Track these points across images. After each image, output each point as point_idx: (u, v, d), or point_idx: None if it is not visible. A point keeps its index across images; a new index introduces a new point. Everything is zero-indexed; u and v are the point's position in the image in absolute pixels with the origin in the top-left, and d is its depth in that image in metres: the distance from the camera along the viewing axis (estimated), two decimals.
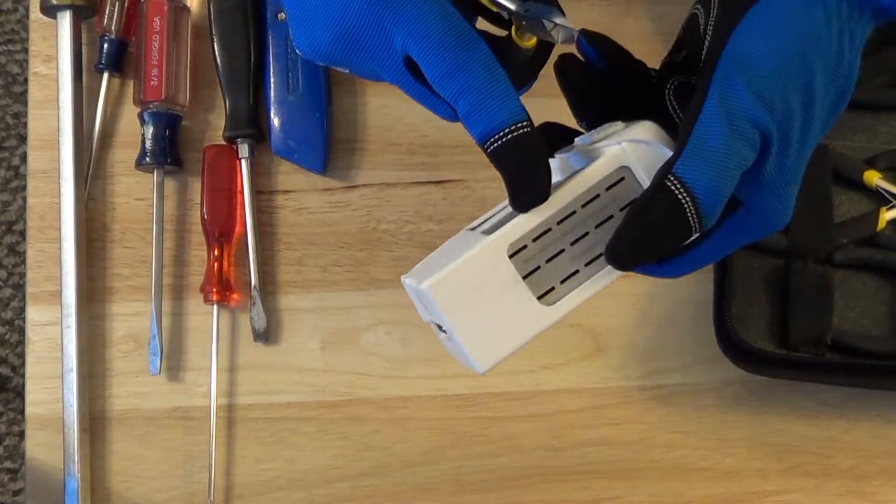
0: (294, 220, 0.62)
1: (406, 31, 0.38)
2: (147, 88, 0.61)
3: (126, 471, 0.59)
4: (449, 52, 0.38)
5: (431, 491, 0.60)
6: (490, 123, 0.38)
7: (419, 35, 0.38)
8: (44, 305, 0.60)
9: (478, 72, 0.38)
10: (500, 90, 0.38)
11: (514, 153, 0.38)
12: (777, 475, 0.61)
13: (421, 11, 0.38)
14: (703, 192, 0.38)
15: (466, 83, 0.38)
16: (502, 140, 0.38)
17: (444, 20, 0.38)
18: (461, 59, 0.38)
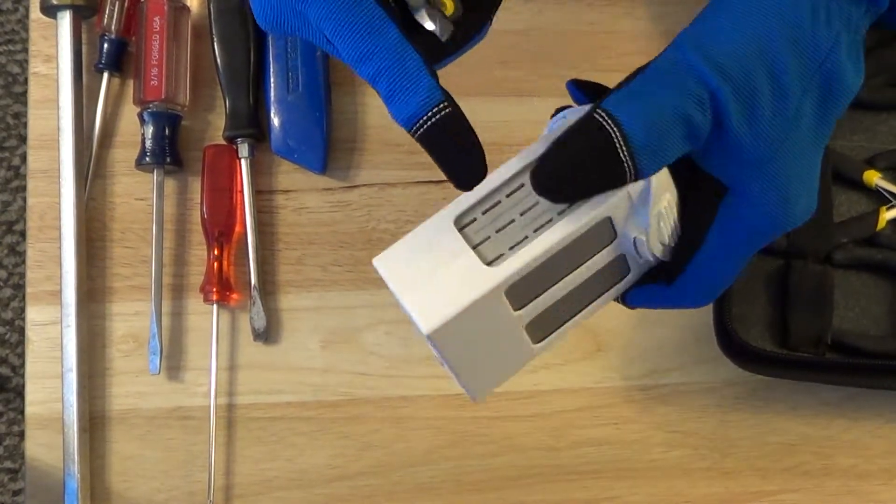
0: (294, 220, 0.62)
1: (316, 15, 0.37)
2: (147, 88, 0.61)
3: (126, 471, 0.59)
4: (357, 37, 0.37)
5: (431, 491, 0.60)
6: (408, 109, 0.37)
7: (328, 19, 0.37)
8: (44, 305, 0.60)
9: (386, 57, 0.37)
10: (411, 75, 0.37)
11: (438, 137, 0.37)
12: (777, 475, 0.61)
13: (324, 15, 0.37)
14: (632, 128, 0.37)
15: (377, 68, 0.37)
16: (425, 125, 0.37)
17: (350, 3, 0.37)
18: (369, 45, 0.37)
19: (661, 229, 0.41)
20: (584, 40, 0.66)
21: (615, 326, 0.62)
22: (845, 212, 0.61)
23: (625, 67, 0.68)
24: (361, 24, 0.37)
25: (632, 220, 0.41)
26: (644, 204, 0.41)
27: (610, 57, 0.66)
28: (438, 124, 0.37)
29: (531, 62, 0.65)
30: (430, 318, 0.39)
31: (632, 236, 0.41)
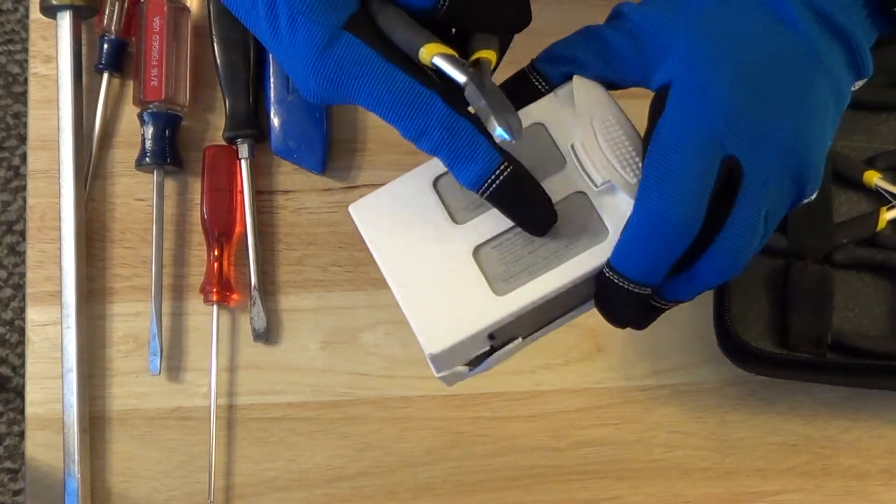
0: (294, 220, 0.62)
1: (364, 103, 0.39)
2: (147, 88, 0.61)
3: (126, 471, 0.59)
4: (407, 118, 0.39)
5: (431, 491, 0.60)
6: (471, 176, 0.39)
7: (378, 107, 0.39)
8: (44, 305, 0.60)
9: (439, 131, 0.38)
10: (467, 143, 0.38)
11: (505, 196, 0.39)
12: (777, 475, 0.61)
13: (368, 85, 0.38)
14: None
15: (433, 144, 0.39)
16: (490, 187, 0.39)
17: (391, 87, 0.38)
18: (420, 123, 0.38)
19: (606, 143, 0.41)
20: None
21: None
22: (845, 212, 0.61)
23: None
24: (408, 106, 0.38)
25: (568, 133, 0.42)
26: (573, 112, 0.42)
27: None
28: (502, 185, 0.39)
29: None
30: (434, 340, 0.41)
31: (569, 145, 0.42)
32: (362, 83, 0.38)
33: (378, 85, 0.38)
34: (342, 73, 0.38)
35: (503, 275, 0.41)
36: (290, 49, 0.39)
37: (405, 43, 0.39)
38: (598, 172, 0.41)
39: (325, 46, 0.38)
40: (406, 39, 0.39)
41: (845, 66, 0.41)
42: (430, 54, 0.39)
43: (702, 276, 0.40)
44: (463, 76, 0.38)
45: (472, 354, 0.42)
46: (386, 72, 0.38)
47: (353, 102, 0.39)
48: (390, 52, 0.39)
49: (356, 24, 0.39)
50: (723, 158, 0.39)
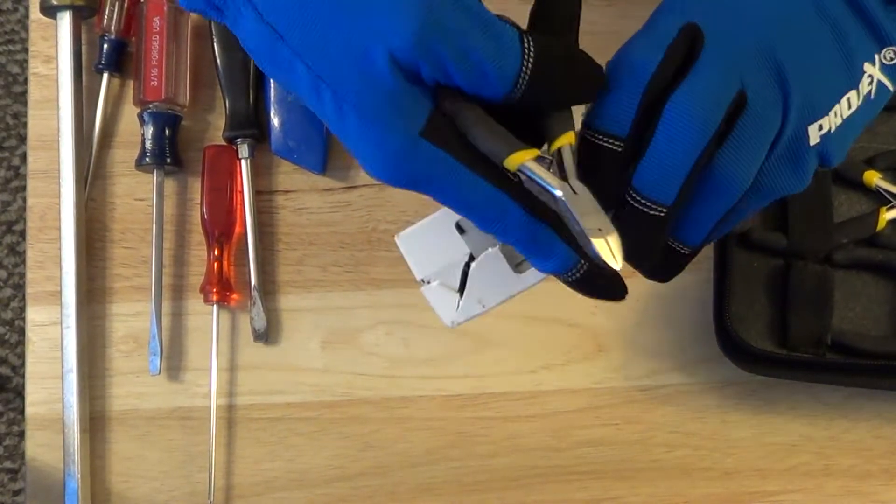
0: (294, 220, 0.62)
1: (443, 202, 0.39)
2: (147, 88, 0.61)
3: (126, 471, 0.59)
4: (486, 222, 0.39)
5: (431, 491, 0.60)
6: (549, 269, 0.40)
7: (454, 206, 0.39)
8: (44, 305, 0.60)
9: (516, 234, 0.39)
10: (544, 247, 0.39)
11: (583, 288, 0.41)
12: (777, 475, 0.61)
13: (449, 190, 0.38)
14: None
15: (511, 241, 0.39)
16: (569, 280, 0.40)
17: (472, 194, 0.38)
18: (499, 225, 0.39)
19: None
20: (584, 40, 0.65)
21: (615, 326, 0.62)
22: (845, 212, 0.61)
23: None
24: (489, 210, 0.38)
25: None
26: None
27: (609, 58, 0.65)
28: (580, 281, 0.40)
29: None
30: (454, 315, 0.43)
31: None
32: (445, 188, 0.38)
33: (459, 191, 0.38)
34: (423, 178, 0.38)
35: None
36: (365, 149, 0.38)
37: (488, 150, 0.38)
38: None
39: (404, 155, 0.37)
40: (488, 148, 0.38)
41: (864, 34, 0.41)
42: (517, 163, 0.37)
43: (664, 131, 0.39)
44: (558, 190, 0.37)
45: (448, 258, 0.43)
46: (467, 179, 0.38)
47: (433, 198, 0.39)
48: (471, 156, 0.38)
49: (434, 128, 0.37)
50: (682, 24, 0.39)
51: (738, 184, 0.40)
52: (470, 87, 0.37)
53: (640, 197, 0.40)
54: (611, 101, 0.39)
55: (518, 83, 0.37)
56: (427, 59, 0.36)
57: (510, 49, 0.36)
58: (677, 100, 0.39)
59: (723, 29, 0.40)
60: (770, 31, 0.40)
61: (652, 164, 0.39)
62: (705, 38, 0.40)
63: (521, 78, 0.37)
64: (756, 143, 0.40)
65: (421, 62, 0.36)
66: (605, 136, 0.39)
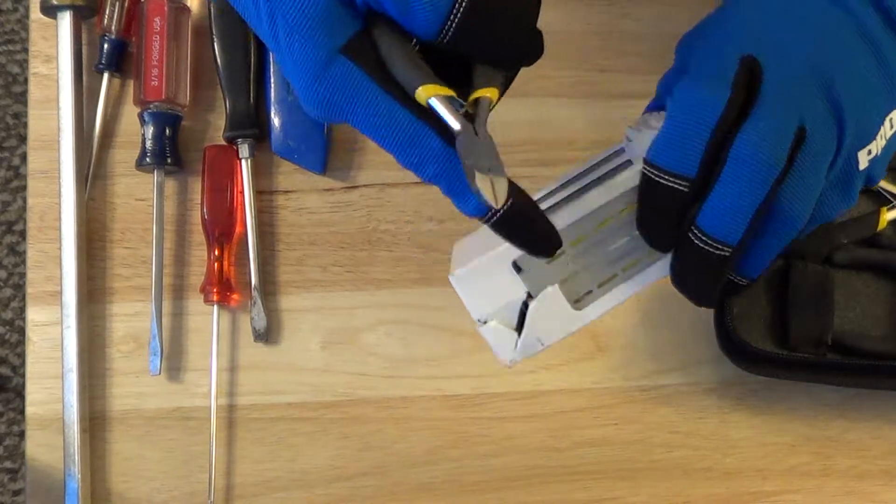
0: (294, 220, 0.62)
1: (360, 128, 0.38)
2: (147, 88, 0.61)
3: (126, 471, 0.59)
4: (402, 151, 0.38)
5: (431, 491, 0.60)
6: (469, 210, 0.39)
7: (370, 133, 0.38)
8: (44, 305, 0.60)
9: (434, 167, 0.38)
10: (462, 181, 0.38)
11: (506, 227, 0.39)
12: (777, 475, 0.61)
13: (364, 113, 0.38)
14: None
15: (429, 176, 0.38)
16: (492, 219, 0.39)
17: (387, 118, 0.38)
18: (416, 156, 0.38)
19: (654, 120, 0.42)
20: (584, 40, 0.66)
21: (615, 326, 0.62)
22: (845, 212, 0.61)
23: (625, 67, 0.68)
24: (405, 138, 0.38)
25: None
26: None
27: (609, 57, 0.66)
28: (503, 218, 0.38)
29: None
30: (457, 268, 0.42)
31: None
32: (358, 110, 0.38)
33: (374, 114, 0.38)
34: (337, 96, 0.38)
35: None
36: (289, 64, 0.38)
37: (403, 78, 0.38)
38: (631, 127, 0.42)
39: (321, 69, 0.37)
40: (403, 75, 0.38)
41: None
42: (426, 95, 0.37)
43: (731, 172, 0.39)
44: (457, 124, 0.37)
45: (505, 298, 0.42)
46: (382, 102, 0.38)
47: (350, 124, 0.39)
48: (388, 82, 0.38)
49: (355, 48, 0.38)
50: (740, 56, 0.39)
51: (801, 218, 0.41)
52: (399, 17, 0.37)
53: (705, 237, 0.40)
54: (679, 140, 0.39)
55: (446, 25, 0.36)
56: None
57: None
58: (744, 140, 0.39)
59: (777, 59, 0.40)
60: (822, 58, 0.40)
61: (719, 205, 0.39)
62: (763, 71, 0.39)
63: (449, 20, 0.36)
64: (816, 176, 0.40)
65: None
66: (671, 176, 0.39)
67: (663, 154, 0.39)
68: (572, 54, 0.65)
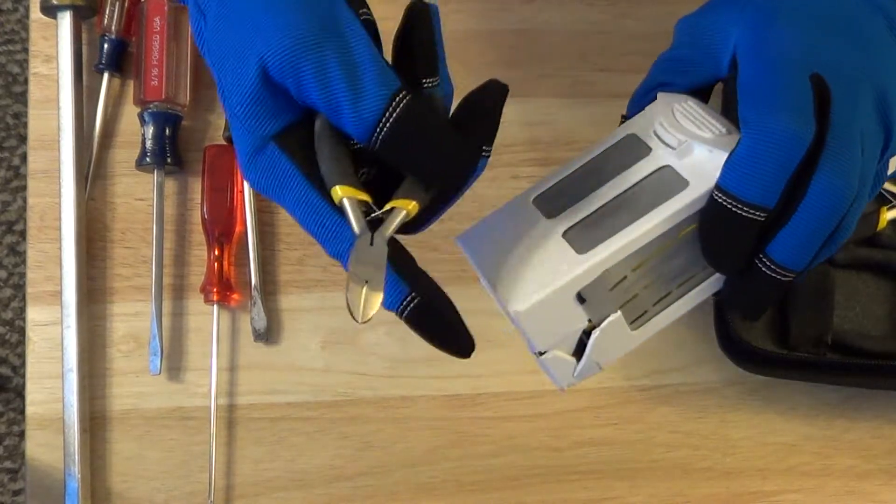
0: (294, 220, 0.62)
1: (288, 212, 0.40)
2: (147, 88, 0.61)
3: (126, 471, 0.59)
4: (323, 241, 0.40)
5: (431, 491, 0.60)
6: (385, 306, 0.39)
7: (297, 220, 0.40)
8: (44, 305, 0.60)
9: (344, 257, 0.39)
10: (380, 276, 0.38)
11: (414, 322, 0.40)
12: (777, 475, 0.61)
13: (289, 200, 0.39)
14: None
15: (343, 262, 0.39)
16: (403, 314, 0.39)
17: (308, 209, 0.39)
18: (334, 249, 0.39)
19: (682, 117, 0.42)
20: (584, 40, 0.66)
21: None
22: None
23: (625, 67, 0.68)
24: (324, 230, 0.39)
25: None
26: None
27: (610, 57, 0.66)
28: (412, 313, 0.39)
29: (531, 62, 0.65)
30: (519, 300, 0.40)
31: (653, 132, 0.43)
32: (285, 196, 0.39)
33: (297, 203, 0.39)
34: (266, 181, 0.39)
35: (587, 240, 0.41)
36: (236, 145, 0.40)
37: (324, 174, 0.39)
38: (674, 137, 0.42)
39: (253, 153, 0.39)
40: (325, 171, 0.39)
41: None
42: (339, 195, 0.38)
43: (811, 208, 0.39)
44: (357, 229, 0.38)
45: (569, 328, 0.41)
46: (304, 192, 0.39)
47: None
48: (314, 174, 0.39)
49: (289, 137, 0.39)
50: (810, 75, 0.39)
51: (852, 229, 0.41)
52: (329, 117, 0.38)
53: (774, 266, 0.40)
54: (764, 173, 0.39)
55: (373, 137, 0.37)
56: (292, 77, 0.37)
57: (371, 97, 0.37)
58: (825, 175, 0.39)
59: (839, 77, 0.40)
60: (875, 70, 0.41)
61: (794, 236, 0.39)
62: (830, 92, 0.39)
63: (376, 133, 0.37)
64: (865, 189, 0.41)
65: (288, 78, 0.37)
66: (750, 208, 0.39)
67: (745, 186, 0.39)
68: (572, 54, 0.65)
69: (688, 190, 0.41)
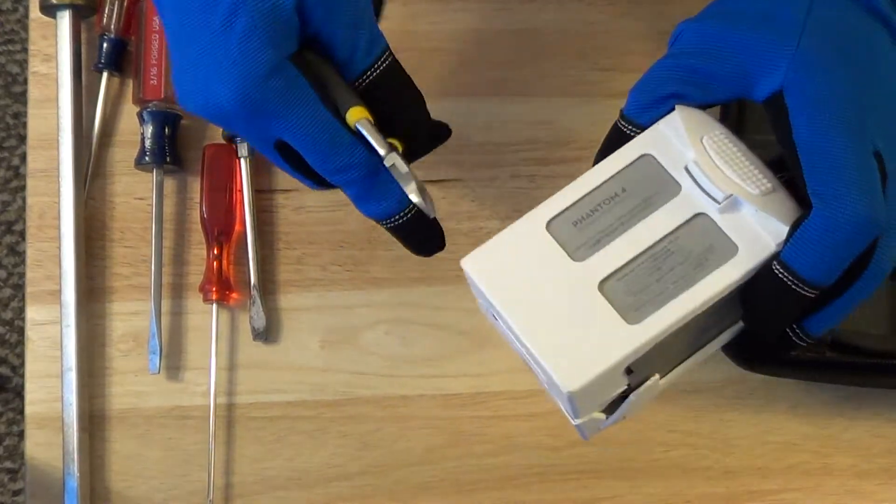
0: (294, 220, 0.62)
1: (286, 134, 0.41)
2: (146, 87, 0.61)
3: (126, 470, 0.59)
4: (328, 156, 0.41)
5: (431, 490, 0.60)
6: (379, 212, 0.43)
7: (296, 138, 0.41)
8: (43, 305, 0.60)
9: (356, 172, 0.41)
10: (381, 186, 0.42)
11: (404, 233, 0.44)
12: (777, 474, 0.61)
13: (299, 118, 0.40)
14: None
15: (348, 179, 0.42)
16: (393, 223, 0.43)
17: (321, 126, 0.40)
18: (341, 161, 0.41)
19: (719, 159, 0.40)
20: (584, 40, 0.66)
21: None
22: None
23: (625, 67, 0.68)
24: (333, 145, 0.41)
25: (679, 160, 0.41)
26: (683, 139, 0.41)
27: (610, 57, 0.66)
28: (404, 226, 0.43)
29: (531, 62, 0.65)
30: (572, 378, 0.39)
31: (684, 169, 0.41)
32: (296, 113, 0.40)
33: (310, 123, 0.40)
34: (274, 100, 0.39)
35: (633, 305, 0.40)
36: (226, 60, 0.39)
37: (336, 98, 0.41)
38: (718, 189, 0.40)
39: (270, 71, 0.39)
40: (337, 96, 0.41)
41: None
42: (354, 117, 0.41)
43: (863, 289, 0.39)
44: (383, 148, 0.41)
45: (610, 394, 0.41)
46: (321, 113, 0.40)
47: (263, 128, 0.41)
48: (325, 96, 0.41)
49: (300, 60, 0.40)
50: (874, 153, 0.39)
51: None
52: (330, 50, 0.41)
53: (806, 336, 0.41)
54: (834, 257, 0.38)
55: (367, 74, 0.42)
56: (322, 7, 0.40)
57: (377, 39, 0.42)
58: (881, 256, 0.39)
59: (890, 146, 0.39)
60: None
61: (838, 315, 0.40)
62: (888, 175, 0.39)
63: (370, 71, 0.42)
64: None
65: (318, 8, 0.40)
66: (807, 286, 0.39)
67: (812, 267, 0.38)
68: (572, 54, 0.65)
69: (741, 256, 0.40)
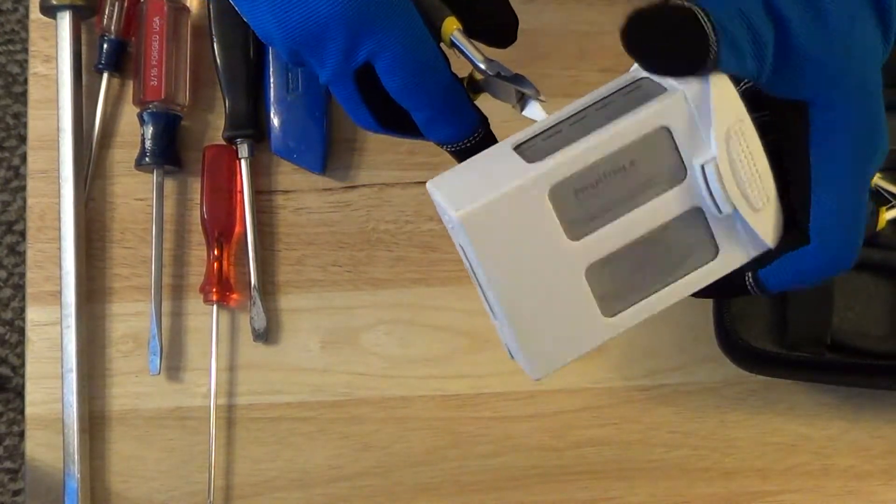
0: (294, 220, 0.62)
1: (377, 43, 0.39)
2: (147, 88, 0.61)
3: (126, 471, 0.59)
4: (421, 75, 0.39)
5: (431, 491, 0.60)
6: (446, 138, 0.41)
7: (395, 51, 0.39)
8: (44, 305, 0.60)
9: (441, 93, 0.40)
10: (458, 112, 0.41)
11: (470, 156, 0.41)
12: (777, 475, 0.61)
13: (397, 27, 0.39)
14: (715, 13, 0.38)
15: (433, 97, 0.40)
16: (457, 148, 0.41)
17: (417, 35, 0.39)
18: (432, 82, 0.40)
19: (736, 162, 0.38)
20: (584, 40, 0.66)
21: None
22: None
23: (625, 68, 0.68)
24: (427, 62, 0.40)
25: (695, 144, 0.39)
26: (706, 119, 0.38)
27: (610, 57, 0.66)
28: (474, 148, 0.41)
29: (531, 62, 0.65)
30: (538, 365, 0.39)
31: (698, 165, 0.39)
32: (394, 25, 0.38)
33: (408, 32, 0.39)
34: (376, 7, 0.38)
35: (611, 294, 0.40)
36: None
37: (430, 9, 0.40)
38: (726, 202, 0.39)
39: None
40: (431, 6, 0.40)
41: None
42: (450, 28, 0.40)
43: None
44: (481, 59, 0.41)
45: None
46: (419, 27, 0.39)
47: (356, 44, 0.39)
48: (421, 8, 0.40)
49: None
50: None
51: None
52: None
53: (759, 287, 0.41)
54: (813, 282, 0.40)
55: None
56: None
57: None
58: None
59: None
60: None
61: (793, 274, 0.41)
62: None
63: None
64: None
65: None
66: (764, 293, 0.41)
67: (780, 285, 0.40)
68: (573, 54, 0.65)
69: (720, 261, 0.40)
